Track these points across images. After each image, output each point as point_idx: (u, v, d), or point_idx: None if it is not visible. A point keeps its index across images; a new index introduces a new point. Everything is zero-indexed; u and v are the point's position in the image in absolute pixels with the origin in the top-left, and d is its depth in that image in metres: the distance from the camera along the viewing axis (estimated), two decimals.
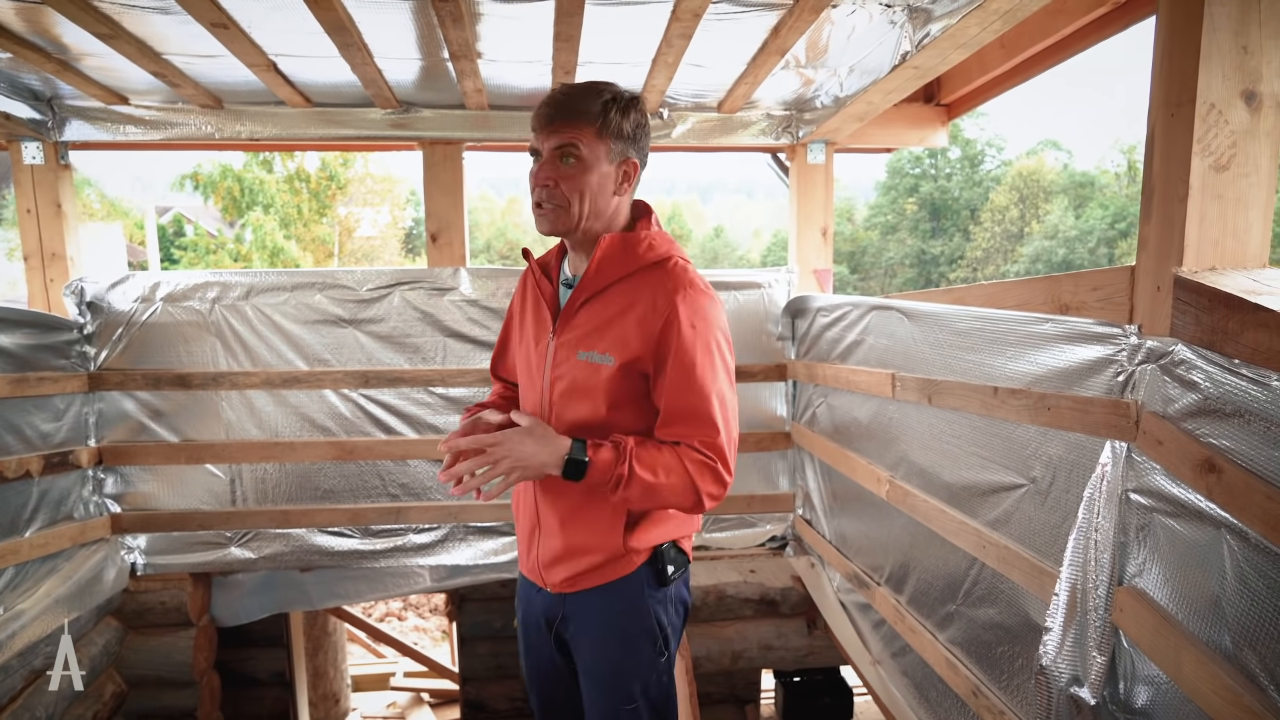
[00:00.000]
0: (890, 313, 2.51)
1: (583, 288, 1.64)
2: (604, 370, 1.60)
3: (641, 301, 1.59)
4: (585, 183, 1.58)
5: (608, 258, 1.62)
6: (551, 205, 1.59)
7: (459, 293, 3.35)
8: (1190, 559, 1.36)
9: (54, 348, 3.05)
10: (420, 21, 2.48)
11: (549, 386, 1.68)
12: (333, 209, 20.49)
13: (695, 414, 1.57)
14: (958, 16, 2.13)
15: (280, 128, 3.32)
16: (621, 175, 1.63)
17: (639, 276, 1.62)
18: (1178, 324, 1.38)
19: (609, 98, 1.58)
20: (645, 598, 1.71)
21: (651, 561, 1.71)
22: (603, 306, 1.63)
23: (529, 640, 1.87)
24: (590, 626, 1.73)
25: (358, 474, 3.40)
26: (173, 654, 3.37)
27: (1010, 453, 1.91)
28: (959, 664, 2.14)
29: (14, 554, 2.75)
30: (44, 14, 2.36)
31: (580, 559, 1.68)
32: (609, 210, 1.64)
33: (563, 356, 1.66)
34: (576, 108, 1.56)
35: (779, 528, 3.58)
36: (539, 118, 1.58)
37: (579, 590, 1.72)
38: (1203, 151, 1.36)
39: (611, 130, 1.58)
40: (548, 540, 1.72)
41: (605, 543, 1.67)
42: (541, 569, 1.75)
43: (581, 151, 1.56)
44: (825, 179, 3.65)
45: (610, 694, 1.73)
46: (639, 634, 1.72)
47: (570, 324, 1.66)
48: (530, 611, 1.85)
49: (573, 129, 1.55)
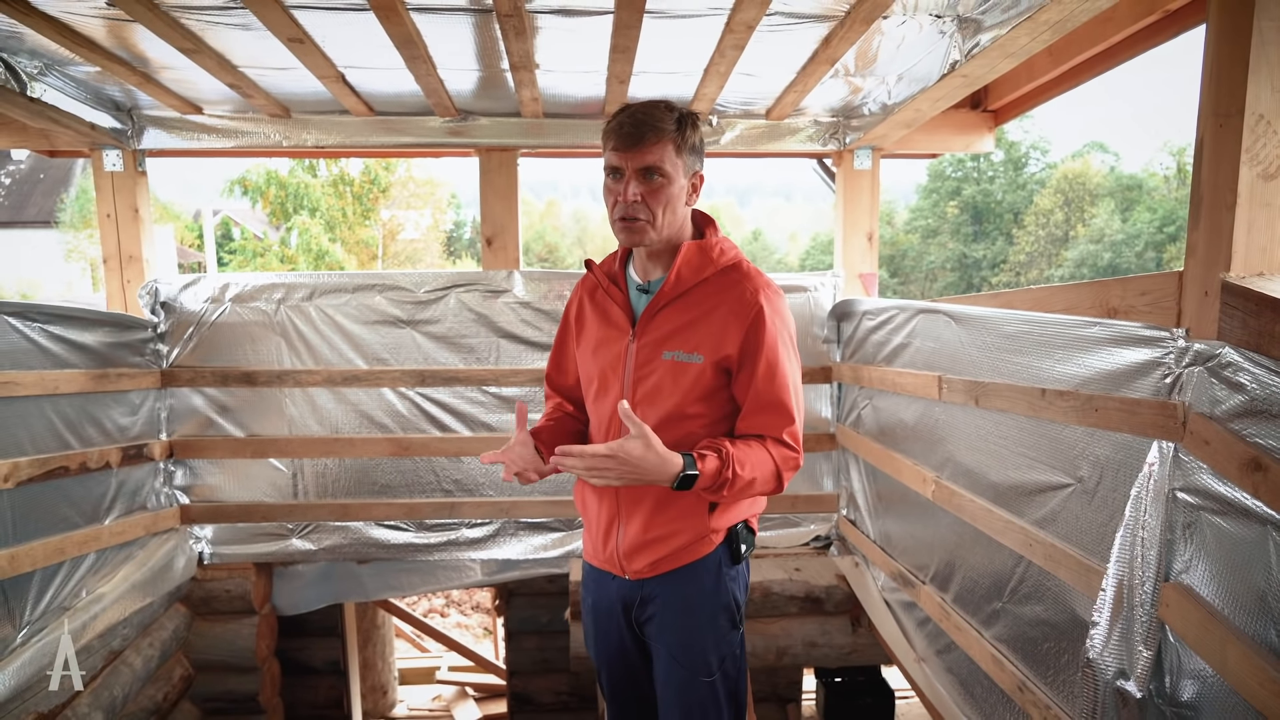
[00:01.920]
0: (937, 316, 2.56)
1: (663, 293, 1.75)
2: (693, 368, 1.72)
3: (725, 303, 1.71)
4: (669, 197, 1.68)
5: (687, 263, 1.74)
6: (637, 219, 1.68)
7: (512, 295, 3.46)
8: (1236, 555, 1.40)
9: (130, 345, 3.22)
10: (482, 35, 2.59)
11: (631, 386, 1.78)
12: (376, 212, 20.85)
13: (778, 406, 1.72)
14: (1008, 27, 2.17)
15: (344, 135, 3.46)
16: (691, 187, 1.75)
17: (715, 280, 1.75)
18: (1225, 328, 1.43)
19: (680, 114, 1.68)
20: (722, 576, 1.84)
21: (727, 541, 1.84)
22: (685, 309, 1.74)
23: (600, 627, 1.97)
24: (671, 606, 1.83)
25: (413, 470, 3.53)
26: (237, 640, 3.53)
27: (1057, 453, 1.95)
28: (1005, 660, 2.18)
29: (95, 540, 2.90)
30: (131, 29, 2.51)
31: (667, 543, 1.79)
32: (681, 219, 1.75)
33: (646, 356, 1.76)
34: (658, 126, 1.65)
35: (823, 527, 3.63)
36: (623, 138, 1.65)
37: (660, 574, 1.83)
38: (1251, 161, 1.40)
39: (687, 146, 1.69)
40: (630, 529, 1.82)
41: (692, 526, 1.78)
42: (622, 558, 1.84)
43: (665, 168, 1.66)
44: (871, 184, 3.70)
45: (690, 667, 1.84)
46: (717, 610, 1.84)
47: (651, 326, 1.76)
48: (603, 598, 1.94)
49: (658, 148, 1.65)
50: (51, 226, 21.83)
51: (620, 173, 1.69)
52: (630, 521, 1.82)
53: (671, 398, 1.74)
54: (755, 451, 1.69)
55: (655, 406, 1.75)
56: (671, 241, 1.76)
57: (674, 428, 1.73)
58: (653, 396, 1.76)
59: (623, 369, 1.80)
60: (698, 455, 1.63)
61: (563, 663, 4.18)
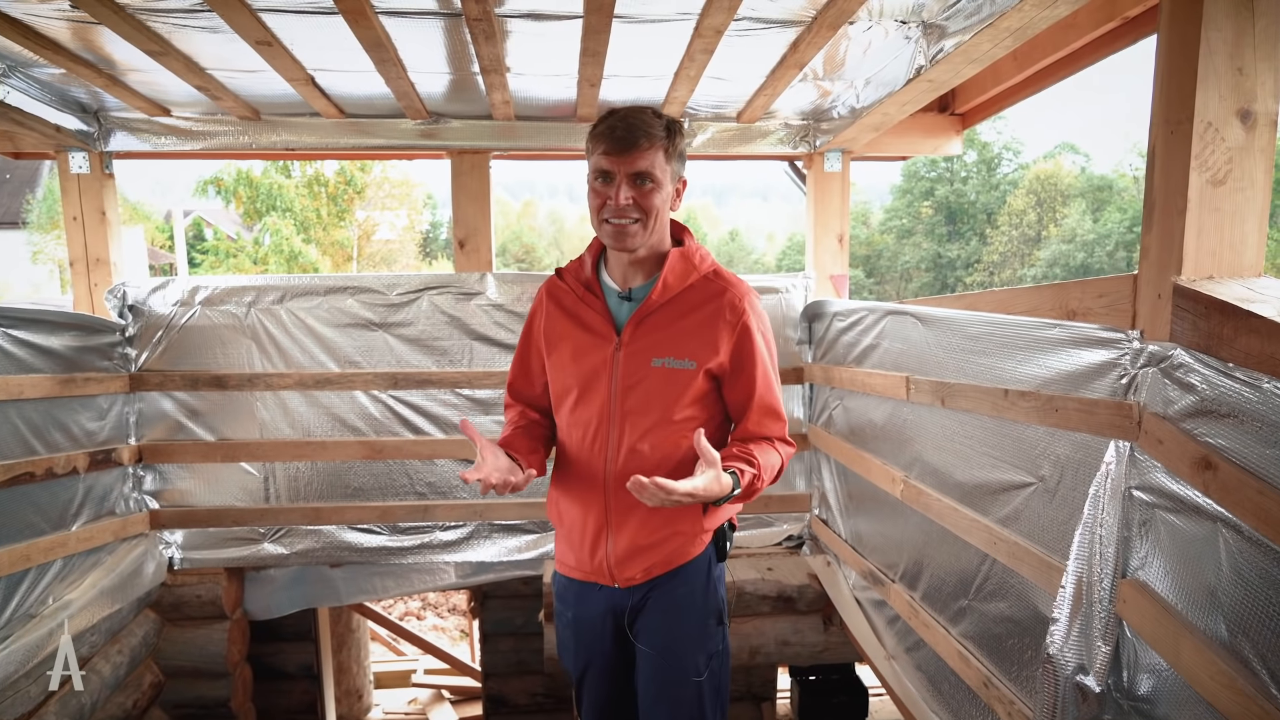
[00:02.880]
0: (905, 317, 2.59)
1: (651, 300, 1.77)
2: (685, 374, 1.76)
3: (711, 309, 1.76)
4: (659, 202, 1.71)
5: (673, 271, 1.77)
6: (628, 223, 1.70)
7: (485, 297, 3.46)
8: (1189, 552, 1.44)
9: (98, 349, 3.18)
10: (452, 39, 2.59)
11: (620, 394, 1.79)
12: (351, 213, 20.70)
13: (774, 411, 1.82)
14: (970, 33, 2.21)
15: (314, 137, 3.44)
16: (675, 193, 1.78)
17: (698, 286, 1.79)
18: (1177, 329, 1.46)
19: (668, 121, 1.71)
20: (710, 575, 1.88)
21: (715, 539, 1.88)
22: (672, 316, 1.77)
23: (582, 640, 1.96)
24: (662, 610, 1.86)
25: (386, 473, 3.52)
26: (208, 646, 3.49)
27: (1020, 452, 1.99)
28: (971, 657, 2.21)
29: (62, 546, 2.87)
30: (97, 32, 2.48)
31: (661, 548, 1.82)
32: (665, 226, 1.79)
33: (635, 364, 1.78)
34: (650, 132, 1.67)
35: (795, 527, 3.66)
36: (616, 141, 1.66)
37: (652, 578, 1.84)
38: (1200, 167, 1.44)
39: (675, 153, 1.72)
40: (621, 538, 1.83)
41: (687, 529, 1.82)
42: (613, 567, 1.85)
43: (656, 174, 1.68)
44: (842, 187, 3.74)
45: (680, 668, 1.86)
46: (707, 610, 1.88)
47: (639, 333, 1.78)
48: (587, 611, 1.93)
49: (650, 153, 1.67)
50: (19, 228, 21.45)
51: (611, 177, 1.69)
52: (621, 530, 1.83)
53: (660, 404, 1.77)
54: (771, 455, 1.79)
55: (644, 413, 1.78)
56: (655, 248, 1.78)
57: (662, 432, 1.77)
58: (642, 403, 1.78)
59: (609, 377, 1.80)
60: (739, 470, 1.68)
61: (538, 664, 4.17)
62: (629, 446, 1.80)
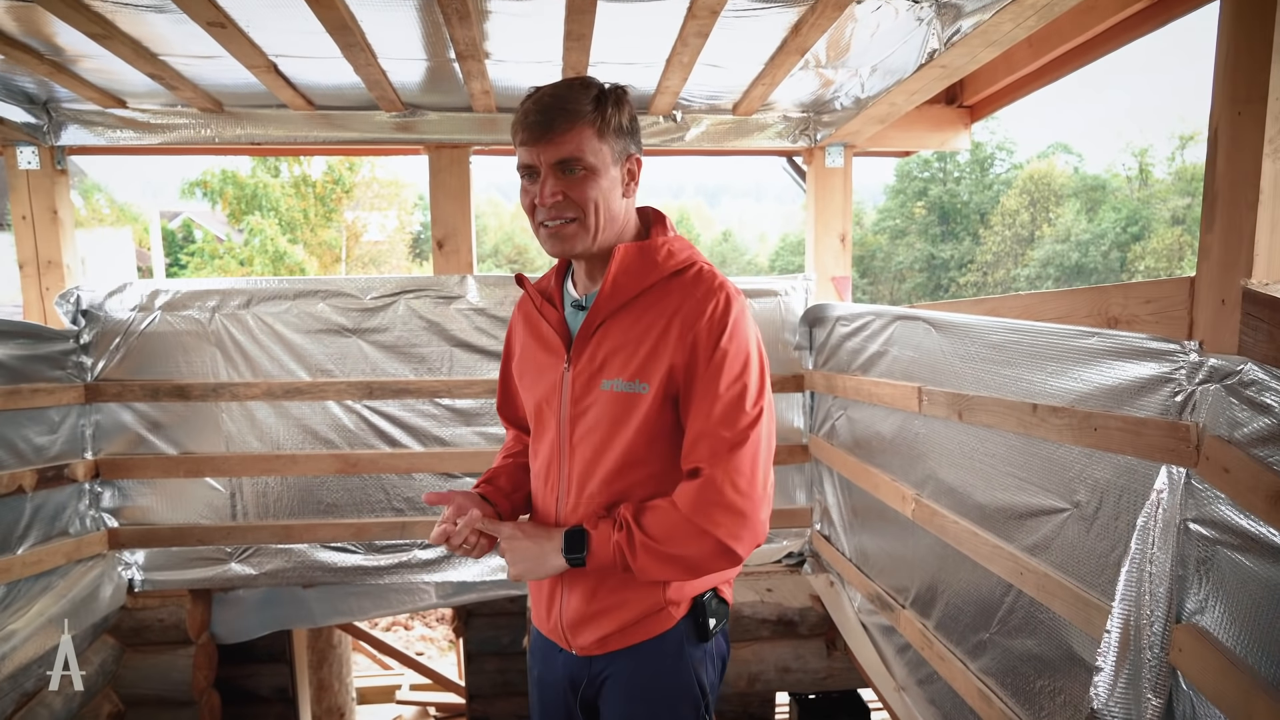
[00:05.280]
0: (916, 323, 2.40)
1: (598, 308, 1.47)
2: (639, 400, 1.42)
3: (669, 315, 1.43)
4: (597, 191, 1.40)
5: (625, 270, 1.45)
6: (563, 222, 1.42)
7: (466, 301, 3.25)
8: (1262, 597, 1.24)
9: (49, 358, 2.96)
10: (426, 20, 2.39)
11: (567, 426, 1.51)
12: (339, 213, 20.46)
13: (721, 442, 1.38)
14: (990, 12, 2.02)
15: (282, 131, 3.23)
16: (627, 174, 1.47)
17: (661, 288, 1.46)
18: (1246, 341, 1.27)
19: (598, 91, 1.41)
20: (685, 656, 1.54)
21: (691, 614, 1.55)
22: (624, 327, 1.46)
23: (545, 703, 1.69)
24: (624, 691, 1.55)
25: (361, 488, 3.30)
26: (171, 672, 3.27)
27: (1050, 475, 1.79)
28: (993, 696, 2.02)
29: (5, 572, 2.66)
30: (35, 13, 2.27)
31: (612, 616, 1.51)
32: (620, 216, 1.48)
33: (582, 389, 1.48)
34: (569, 109, 1.37)
35: (796, 543, 3.46)
36: (529, 129, 1.39)
37: (610, 651, 1.55)
38: (1275, 153, 1.25)
39: (611, 127, 1.41)
40: (572, 600, 1.55)
41: (640, 597, 1.50)
42: (566, 631, 1.57)
43: (586, 159, 1.39)
44: (844, 183, 3.54)
45: None
46: (679, 698, 1.55)
47: (586, 351, 1.49)
48: (550, 672, 1.66)
49: (573, 135, 1.38)
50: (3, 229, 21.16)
51: (534, 171, 1.42)
52: (574, 589, 1.54)
53: (616, 439, 1.44)
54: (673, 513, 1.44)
55: (598, 451, 1.47)
56: (611, 244, 1.47)
57: (629, 476, 1.46)
58: (593, 437, 1.47)
59: (558, 403, 1.53)
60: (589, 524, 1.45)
61: (524, 685, 3.97)
62: (579, 487, 1.51)
